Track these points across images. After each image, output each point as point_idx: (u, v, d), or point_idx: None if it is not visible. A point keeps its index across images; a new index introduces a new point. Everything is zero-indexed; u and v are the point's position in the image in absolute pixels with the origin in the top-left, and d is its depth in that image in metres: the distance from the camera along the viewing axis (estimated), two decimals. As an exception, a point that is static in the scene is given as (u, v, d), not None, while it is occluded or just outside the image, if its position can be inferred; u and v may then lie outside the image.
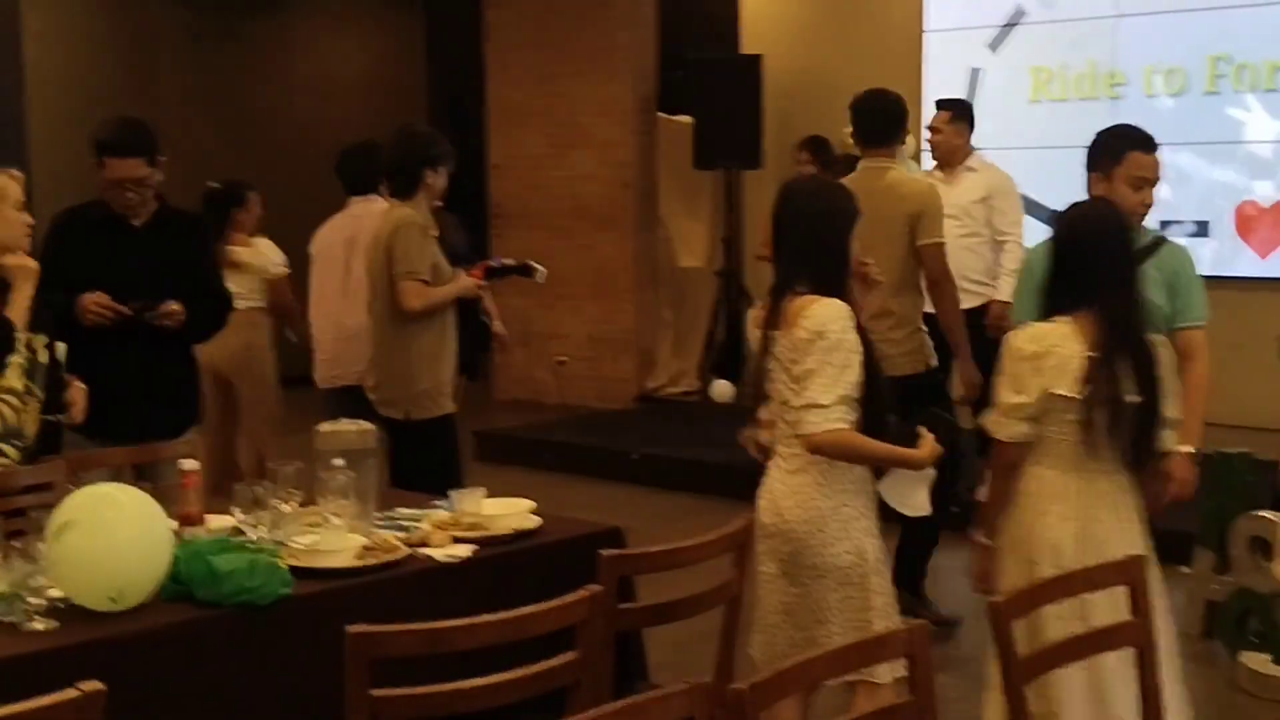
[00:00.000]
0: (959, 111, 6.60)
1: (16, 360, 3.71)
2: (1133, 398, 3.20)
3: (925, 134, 6.81)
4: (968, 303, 6.09)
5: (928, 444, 3.32)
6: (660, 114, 9.90)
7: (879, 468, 3.37)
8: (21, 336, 3.75)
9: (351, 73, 11.93)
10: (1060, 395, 3.20)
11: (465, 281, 4.89)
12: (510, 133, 10.10)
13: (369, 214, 5.34)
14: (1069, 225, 3.38)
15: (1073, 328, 3.23)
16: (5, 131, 8.83)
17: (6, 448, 3.68)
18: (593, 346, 9.98)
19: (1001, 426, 3.29)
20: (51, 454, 3.92)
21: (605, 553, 2.95)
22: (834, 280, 3.31)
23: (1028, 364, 3.23)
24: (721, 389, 9.47)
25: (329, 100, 11.30)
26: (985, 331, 5.99)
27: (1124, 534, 3.25)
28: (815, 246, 3.33)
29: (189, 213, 4.74)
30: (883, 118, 5.22)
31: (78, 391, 4.06)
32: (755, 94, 9.40)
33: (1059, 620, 3.04)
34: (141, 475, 4.25)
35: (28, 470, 3.61)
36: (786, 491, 3.34)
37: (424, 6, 12.44)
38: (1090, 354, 3.18)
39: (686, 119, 9.73)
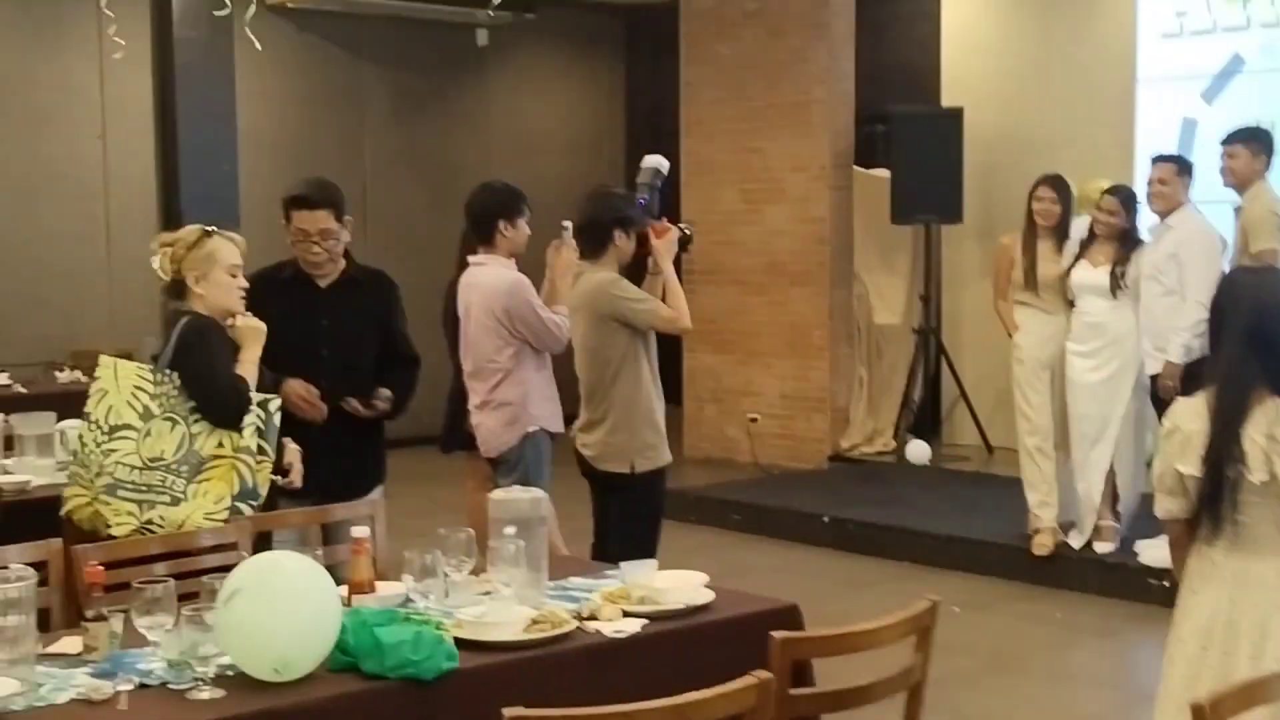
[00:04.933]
0: (1183, 166, 6.46)
1: (251, 421, 3.78)
2: (1261, 476, 2.99)
3: (1145, 187, 6.58)
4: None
5: None
6: (856, 168, 9.75)
7: None
8: (255, 397, 3.82)
9: (550, 130, 12.09)
10: (1186, 473, 3.07)
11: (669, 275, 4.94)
12: (704, 189, 10.06)
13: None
14: (1215, 296, 3.25)
15: (1202, 403, 3.09)
16: (220, 191, 9.18)
17: (244, 506, 3.76)
18: (785, 404, 9.82)
19: (1156, 503, 3.21)
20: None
21: (777, 635, 2.81)
22: None
23: (1164, 441, 3.16)
24: (918, 450, 9.21)
25: (527, 158, 11.46)
26: None
27: (1275, 621, 3.02)
28: (1272, 348, 3.05)
29: (377, 271, 4.78)
30: None
31: (294, 454, 4.12)
32: (956, 148, 9.19)
33: None
34: (327, 534, 4.31)
35: (209, 530, 3.66)
36: None
37: (623, 64, 12.56)
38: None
39: (883, 173, 9.56)
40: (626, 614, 3.18)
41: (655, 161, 5.32)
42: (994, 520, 7.41)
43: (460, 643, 2.91)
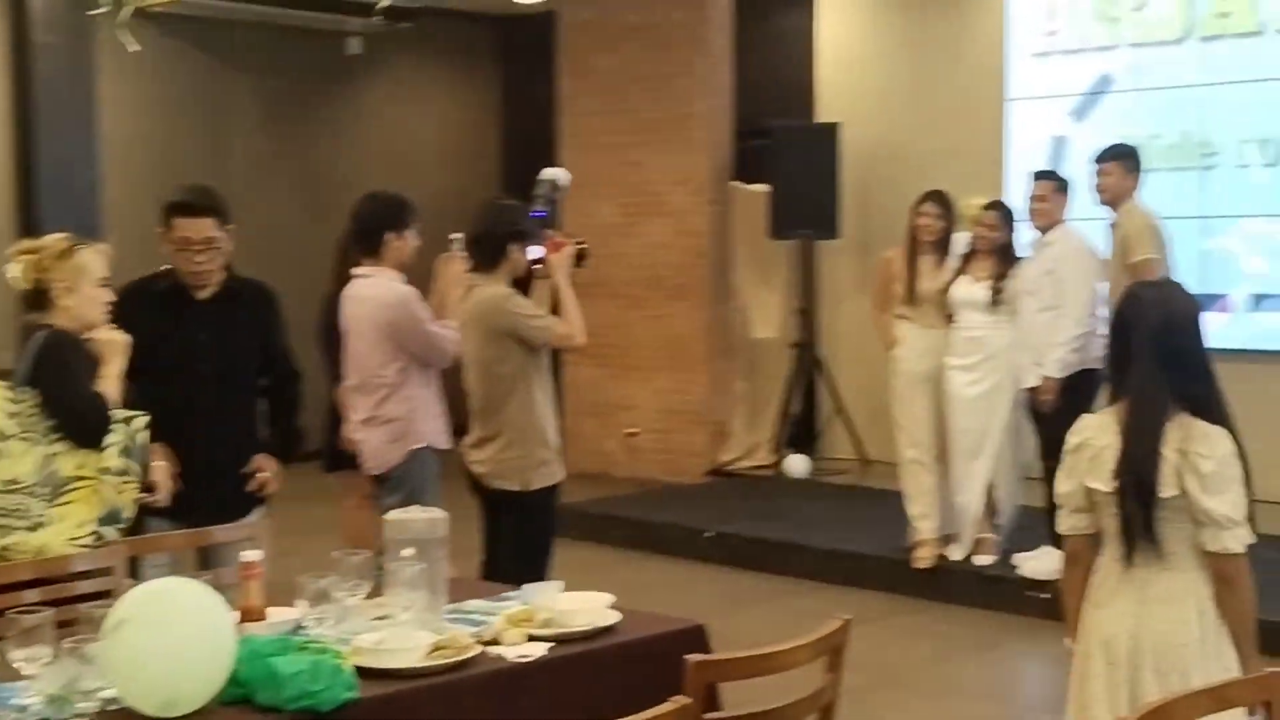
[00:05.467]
0: (1061, 184, 6.58)
1: (115, 439, 3.61)
2: (1171, 490, 2.98)
3: (1022, 202, 6.68)
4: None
5: None
6: (734, 183, 9.76)
7: None
8: (119, 414, 3.65)
9: (425, 141, 11.91)
10: (1095, 489, 3.06)
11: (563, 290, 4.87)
12: (584, 202, 9.95)
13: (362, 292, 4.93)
14: (1116, 307, 3.24)
15: (1112, 417, 3.08)
16: (81, 199, 8.86)
17: (108, 530, 3.57)
18: (664, 418, 9.78)
19: (1060, 518, 3.20)
20: (137, 535, 3.81)
21: (691, 659, 2.74)
22: (1209, 399, 3.01)
23: (1071, 456, 3.14)
24: (796, 464, 9.25)
25: (403, 169, 11.23)
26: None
27: (1180, 637, 3.02)
28: (1180, 363, 3.02)
29: (257, 282, 4.59)
30: None
31: (161, 472, 3.95)
32: (832, 163, 9.25)
33: None
34: (205, 558, 4.13)
35: (83, 555, 3.47)
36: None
37: (500, 76, 12.43)
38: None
39: (761, 188, 9.58)
40: (531, 637, 3.08)
41: (554, 174, 5.21)
42: (874, 533, 7.44)
43: (359, 671, 2.78)
